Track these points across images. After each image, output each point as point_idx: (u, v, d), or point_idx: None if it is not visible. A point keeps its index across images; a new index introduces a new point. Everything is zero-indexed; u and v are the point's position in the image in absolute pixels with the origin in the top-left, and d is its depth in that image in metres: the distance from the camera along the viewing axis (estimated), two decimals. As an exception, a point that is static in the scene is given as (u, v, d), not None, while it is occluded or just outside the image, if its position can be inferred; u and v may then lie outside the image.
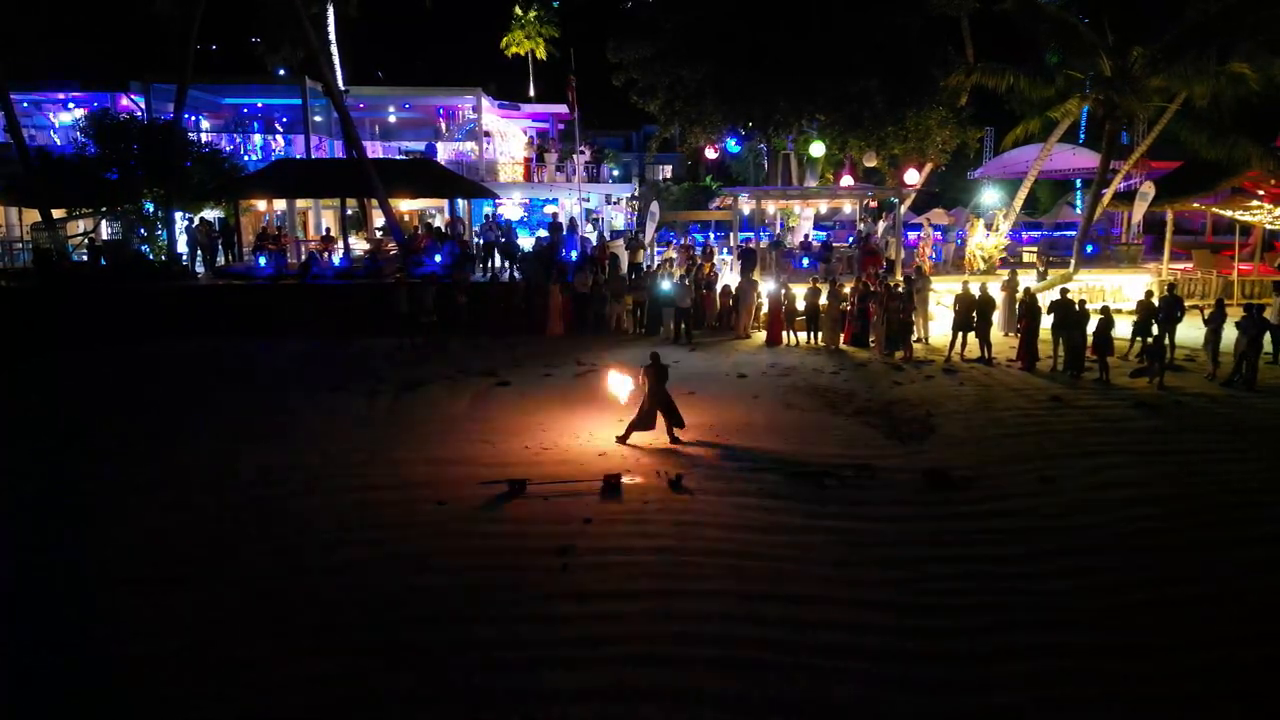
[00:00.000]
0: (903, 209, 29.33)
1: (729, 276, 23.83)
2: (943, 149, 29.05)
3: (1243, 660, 7.16)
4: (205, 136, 31.49)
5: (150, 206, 26.19)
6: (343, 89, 29.59)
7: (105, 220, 28.46)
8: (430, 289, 20.38)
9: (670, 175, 61.29)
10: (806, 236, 29.92)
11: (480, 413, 14.42)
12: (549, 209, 36.84)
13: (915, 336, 19.66)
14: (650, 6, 29.91)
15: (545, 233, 26.39)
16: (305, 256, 25.07)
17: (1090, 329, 16.78)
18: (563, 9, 48.68)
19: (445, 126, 38.61)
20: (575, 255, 24.46)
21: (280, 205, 30.14)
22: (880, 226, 28.26)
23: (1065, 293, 18.83)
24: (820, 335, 20.21)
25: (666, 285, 20.99)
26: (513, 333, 20.94)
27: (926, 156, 29.19)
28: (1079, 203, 36.97)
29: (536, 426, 13.52)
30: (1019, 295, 19.81)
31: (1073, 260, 23.64)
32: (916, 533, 9.59)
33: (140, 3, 26.01)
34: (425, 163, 32.78)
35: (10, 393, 16.74)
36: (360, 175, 24.70)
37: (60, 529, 9.79)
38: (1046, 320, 17.81)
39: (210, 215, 28.38)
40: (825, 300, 20.01)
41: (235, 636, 7.47)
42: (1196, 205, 28.28)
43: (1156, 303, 18.06)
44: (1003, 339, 20.14)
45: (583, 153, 36.64)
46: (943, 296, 21.72)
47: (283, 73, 35.40)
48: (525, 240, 27.87)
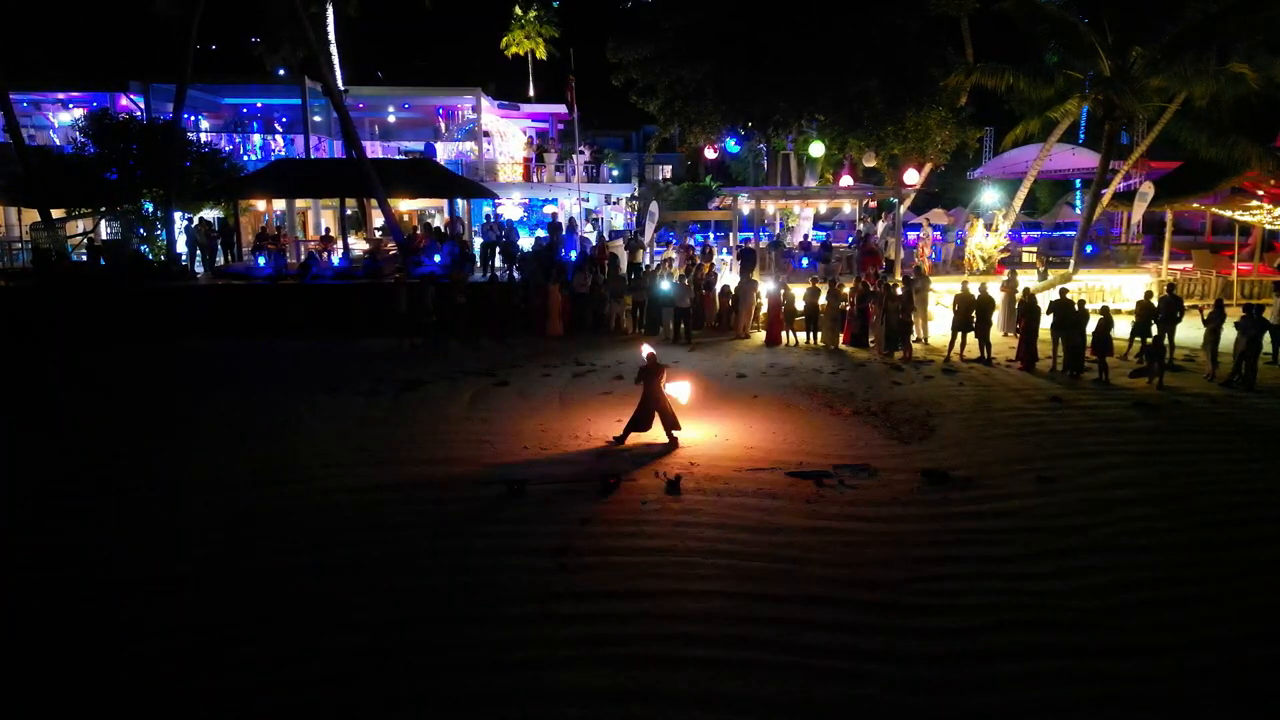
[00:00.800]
0: (902, 209, 29.32)
1: (728, 276, 23.83)
2: (942, 149, 29.06)
3: (1243, 661, 7.14)
4: (205, 136, 31.50)
5: (149, 206, 26.19)
6: (342, 89, 29.59)
7: (104, 220, 28.47)
8: (429, 289, 20.37)
9: (670, 175, 61.30)
10: (806, 236, 29.92)
11: (479, 413, 14.41)
12: (548, 209, 36.83)
13: (915, 337, 19.66)
14: (650, 7, 29.93)
15: (544, 233, 26.39)
16: (305, 256, 25.07)
17: (1090, 329, 16.78)
18: (563, 9, 48.72)
19: (445, 126, 38.63)
20: (574, 255, 24.46)
21: (280, 205, 30.15)
22: (880, 227, 28.25)
23: (1064, 293, 18.81)
24: (820, 335, 20.20)
25: (666, 285, 20.99)
26: (512, 333, 20.94)
27: (926, 156, 29.19)
28: (1079, 203, 36.96)
29: (535, 427, 13.51)
30: (1018, 295, 19.81)
31: (1072, 260, 23.65)
32: (915, 533, 9.57)
33: (140, 3, 25.99)
34: (424, 163, 32.77)
35: (10, 393, 16.72)
36: (359, 175, 24.70)
37: (57, 528, 9.77)
38: (1046, 320, 17.81)
39: (210, 215, 28.39)
40: (824, 300, 20.00)
41: (230, 637, 7.45)
42: (1196, 205, 28.29)
43: (1156, 303, 18.05)
44: (1002, 339, 20.13)
45: (582, 153, 36.64)
46: (942, 297, 21.72)
47: (282, 73, 35.40)
48: (525, 240, 27.85)
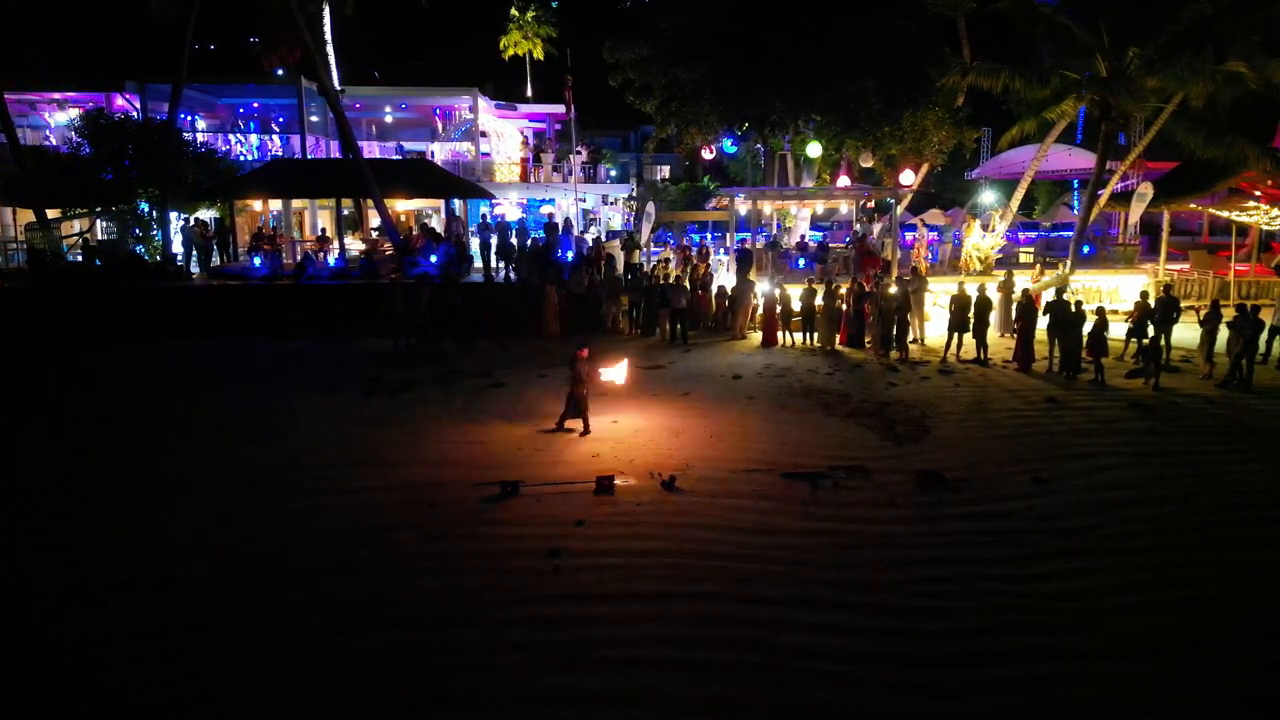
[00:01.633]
0: (899, 210, 29.33)
1: (725, 277, 23.80)
2: (939, 149, 29.07)
3: (1240, 663, 7.13)
4: (201, 136, 31.46)
5: (145, 206, 26.14)
6: (339, 89, 29.53)
7: (100, 220, 28.42)
8: (425, 289, 20.33)
9: (668, 175, 61.36)
10: (803, 237, 29.91)
11: (475, 414, 14.37)
12: (545, 209, 36.83)
13: (911, 337, 19.64)
14: (648, 7, 29.90)
15: (539, 233, 26.38)
16: (301, 257, 25.02)
17: (1086, 330, 16.77)
18: (560, 9, 48.71)
19: (442, 127, 38.60)
20: (571, 255, 24.43)
21: (276, 205, 30.13)
22: (876, 227, 28.25)
23: (1061, 293, 18.80)
24: (816, 336, 20.17)
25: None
26: (508, 333, 20.90)
27: (923, 157, 29.20)
28: (1076, 203, 36.98)
29: (531, 427, 13.48)
30: (1015, 296, 19.80)
31: (1069, 261, 23.63)
32: (909, 535, 9.55)
33: (136, 2, 25.95)
34: (421, 163, 32.76)
35: (5, 393, 16.67)
36: (356, 175, 24.65)
37: (53, 530, 9.74)
38: (1043, 321, 17.80)
39: (206, 215, 28.34)
40: (821, 301, 19.97)
41: (225, 639, 7.42)
42: (1193, 206, 28.31)
43: (1152, 304, 18.05)
44: (999, 340, 20.12)
45: (579, 153, 36.62)
46: (939, 297, 21.71)
47: (280, 73, 35.35)
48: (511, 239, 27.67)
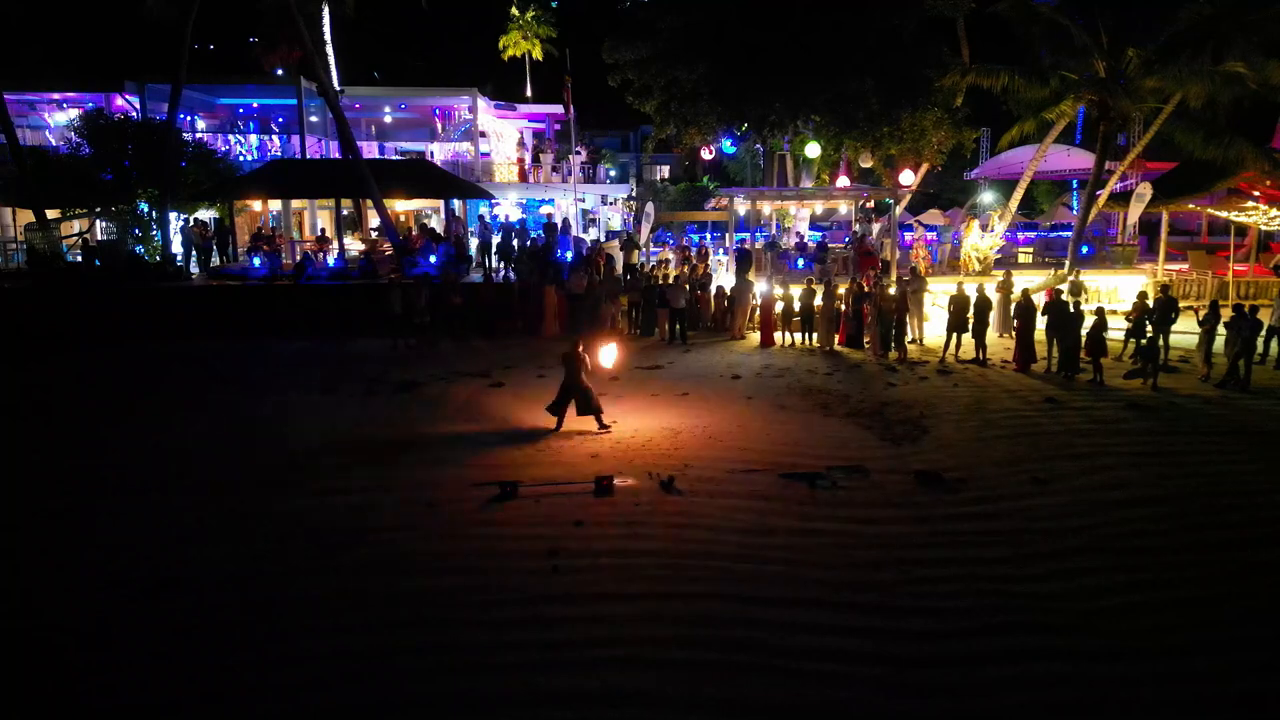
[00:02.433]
0: (899, 210, 29.33)
1: (725, 277, 23.82)
2: (938, 150, 29.09)
3: (1237, 664, 7.13)
4: (201, 137, 31.46)
5: (145, 207, 26.15)
6: (338, 89, 29.56)
7: (99, 221, 28.43)
8: (424, 290, 20.34)
9: (667, 175, 61.38)
10: (802, 237, 29.91)
11: (473, 414, 14.37)
12: (545, 209, 36.85)
13: (910, 338, 19.65)
14: (647, 7, 29.92)
15: (539, 233, 26.40)
16: (300, 257, 25.03)
17: (1085, 330, 16.77)
18: (560, 9, 48.72)
19: (441, 127, 38.62)
20: (570, 256, 24.45)
21: (275, 206, 30.14)
22: (875, 227, 28.26)
23: (1060, 294, 18.81)
24: (815, 336, 20.18)
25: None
26: (507, 334, 20.90)
27: (922, 157, 29.22)
28: (1075, 204, 37.00)
29: (530, 428, 13.48)
30: (1014, 296, 19.80)
31: (1068, 261, 23.65)
32: (907, 535, 9.55)
33: (135, 2, 25.97)
34: (421, 163, 32.78)
35: (3, 394, 16.67)
36: (355, 176, 24.67)
37: (53, 530, 9.74)
38: (1041, 321, 17.81)
39: (205, 216, 28.34)
40: (820, 301, 19.99)
41: (222, 640, 7.43)
42: (1192, 206, 28.34)
43: (1151, 304, 18.05)
44: (998, 340, 20.12)
45: (579, 153, 36.64)
46: (938, 297, 21.71)
47: (279, 73, 35.37)
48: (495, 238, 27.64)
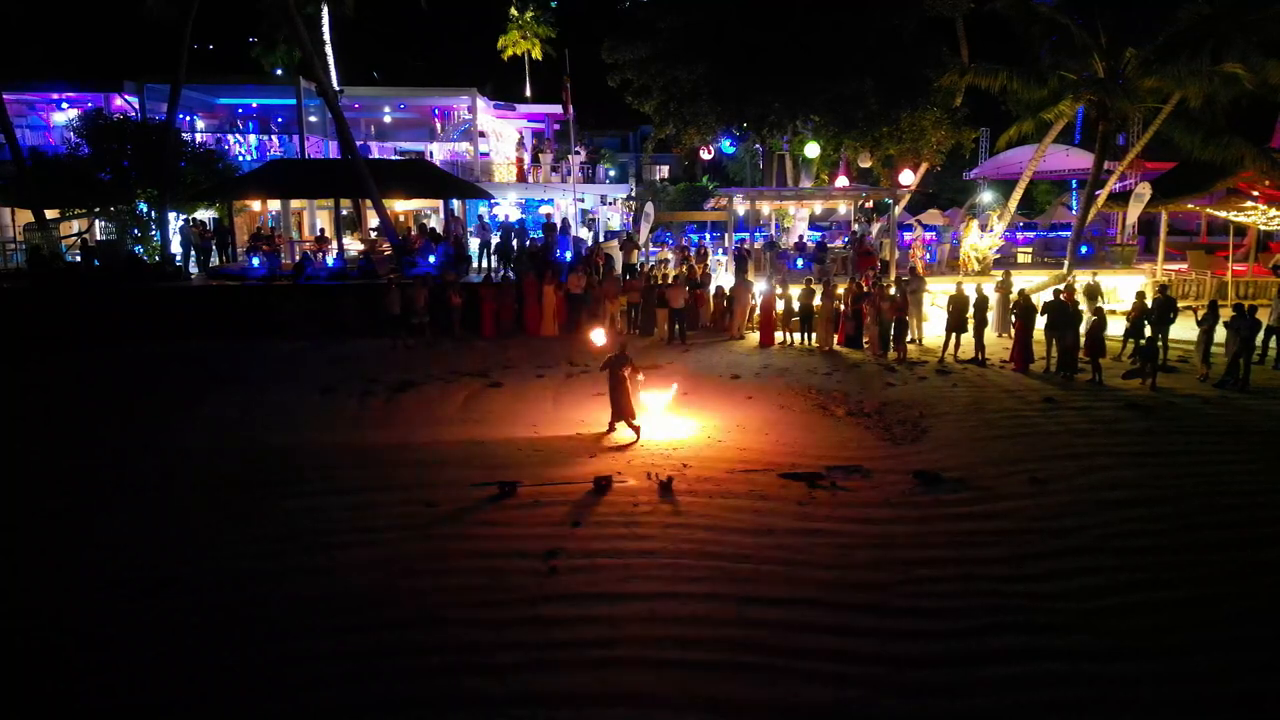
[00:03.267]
0: (898, 210, 29.33)
1: (724, 277, 23.82)
2: (937, 150, 29.07)
3: (1235, 664, 7.14)
4: (200, 137, 31.46)
5: (144, 207, 26.15)
6: (338, 89, 29.55)
7: (99, 221, 28.42)
8: (423, 290, 20.34)
9: (666, 175, 61.37)
10: (801, 237, 29.91)
11: (472, 414, 14.39)
12: (544, 210, 36.85)
13: (909, 337, 19.65)
14: (647, 7, 29.92)
15: (538, 233, 26.44)
16: (299, 257, 25.02)
17: (1083, 329, 16.78)
18: (559, 9, 48.71)
19: (441, 127, 38.61)
20: (569, 256, 24.45)
21: (275, 206, 30.12)
22: (875, 227, 28.26)
23: (1059, 294, 18.81)
24: (814, 336, 20.19)
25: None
26: (506, 333, 20.90)
27: (921, 157, 29.20)
28: (1075, 204, 37.01)
29: (528, 428, 13.50)
30: (1013, 296, 19.81)
31: (1067, 261, 23.65)
32: (906, 535, 9.57)
33: (135, 2, 25.97)
34: (420, 163, 32.77)
35: (3, 394, 16.67)
36: (354, 176, 24.65)
37: (53, 530, 9.74)
38: (1040, 321, 17.82)
39: (204, 216, 28.34)
40: (819, 301, 19.99)
41: (221, 639, 7.43)
42: (1191, 206, 28.34)
43: (1149, 304, 18.06)
44: (997, 340, 20.12)
45: (578, 153, 36.64)
46: (937, 297, 21.72)
47: (279, 73, 35.39)
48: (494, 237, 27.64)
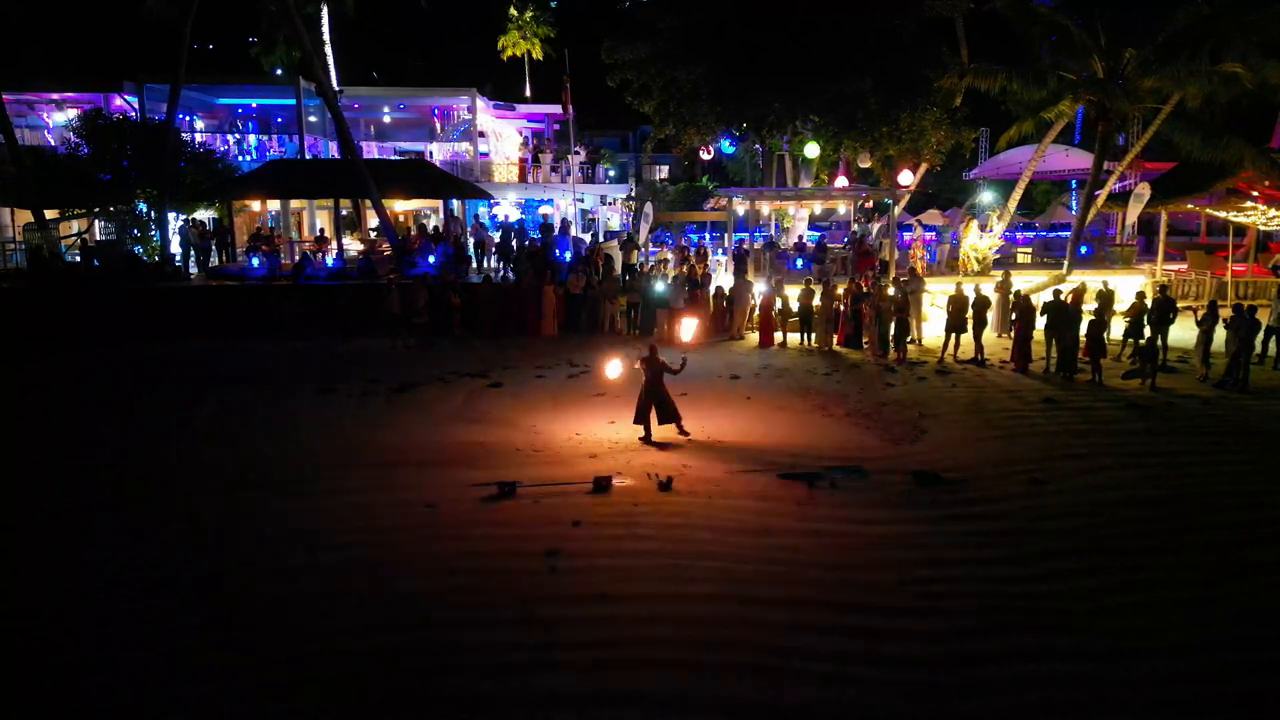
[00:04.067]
0: (897, 210, 29.32)
1: (724, 277, 23.82)
2: (937, 150, 29.05)
3: (1234, 665, 7.14)
4: (199, 137, 31.46)
5: (143, 207, 26.15)
6: (337, 89, 29.57)
7: (98, 221, 28.43)
8: (422, 290, 20.35)
9: (666, 176, 61.35)
10: (801, 237, 29.90)
11: (472, 414, 14.39)
12: (544, 210, 36.85)
13: (909, 338, 19.65)
14: (646, 7, 29.92)
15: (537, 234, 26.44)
16: (299, 257, 25.03)
17: (1083, 330, 16.79)
18: (559, 9, 48.71)
19: (440, 127, 38.61)
20: (569, 256, 24.45)
21: (274, 206, 30.13)
22: (874, 227, 28.26)
23: (1059, 294, 18.82)
24: (814, 337, 20.19)
25: (660, 286, 20.99)
26: (506, 334, 20.91)
27: (921, 157, 29.19)
28: (1074, 204, 37.01)
29: (528, 428, 13.50)
30: (1012, 296, 19.82)
31: (1066, 261, 23.65)
32: (905, 535, 9.56)
33: (135, 2, 25.97)
34: (420, 163, 32.77)
35: (3, 394, 16.67)
36: (354, 176, 24.66)
37: (52, 530, 9.74)
38: (1040, 321, 17.82)
39: (204, 216, 28.33)
40: (819, 301, 20.00)
41: (218, 640, 7.43)
42: (1191, 206, 28.35)
43: (1149, 304, 18.06)
44: (996, 340, 20.13)
45: (578, 153, 36.63)
46: (936, 297, 21.72)
47: (279, 73, 35.38)
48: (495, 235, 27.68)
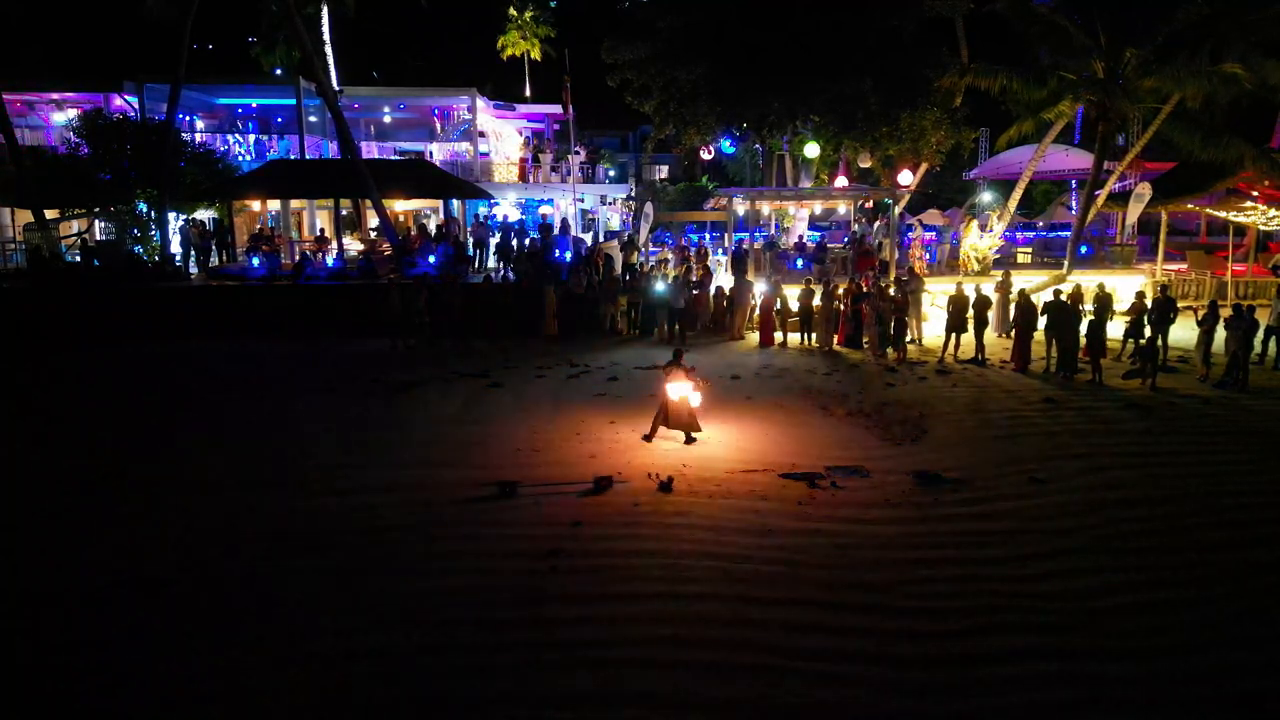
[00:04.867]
0: (897, 210, 29.32)
1: (724, 277, 23.83)
2: (937, 150, 29.03)
3: (1234, 665, 7.14)
4: (199, 137, 31.46)
5: (143, 207, 26.14)
6: (337, 89, 29.56)
7: (98, 221, 28.42)
8: (423, 290, 20.34)
9: (666, 175, 61.36)
10: (801, 237, 29.90)
11: (472, 414, 14.39)
12: (544, 210, 36.86)
13: (909, 338, 19.66)
14: (646, 7, 29.91)
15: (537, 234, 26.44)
16: (299, 257, 25.03)
17: (1083, 330, 16.80)
18: (559, 9, 48.71)
19: (440, 127, 38.61)
20: (569, 256, 24.44)
21: (274, 206, 30.13)
22: (875, 227, 28.26)
23: (1058, 294, 18.83)
24: (814, 337, 20.19)
25: (660, 286, 21.00)
26: (506, 334, 20.91)
27: (921, 157, 29.17)
28: (1074, 204, 37.00)
29: (528, 428, 13.49)
30: (1013, 296, 19.82)
31: (1067, 261, 23.65)
32: (906, 535, 9.57)
33: (134, 2, 25.97)
34: (420, 163, 32.77)
35: (3, 394, 16.67)
36: (354, 176, 24.66)
37: (53, 530, 9.74)
38: (1041, 321, 17.83)
39: (204, 216, 28.32)
40: (819, 301, 20.00)
41: (222, 640, 7.43)
42: (1191, 206, 28.36)
43: (1149, 304, 18.07)
44: (996, 340, 20.13)
45: (578, 153, 36.63)
46: (936, 298, 21.72)
47: (279, 73, 35.38)
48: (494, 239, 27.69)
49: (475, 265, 25.86)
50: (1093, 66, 22.41)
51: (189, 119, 33.01)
